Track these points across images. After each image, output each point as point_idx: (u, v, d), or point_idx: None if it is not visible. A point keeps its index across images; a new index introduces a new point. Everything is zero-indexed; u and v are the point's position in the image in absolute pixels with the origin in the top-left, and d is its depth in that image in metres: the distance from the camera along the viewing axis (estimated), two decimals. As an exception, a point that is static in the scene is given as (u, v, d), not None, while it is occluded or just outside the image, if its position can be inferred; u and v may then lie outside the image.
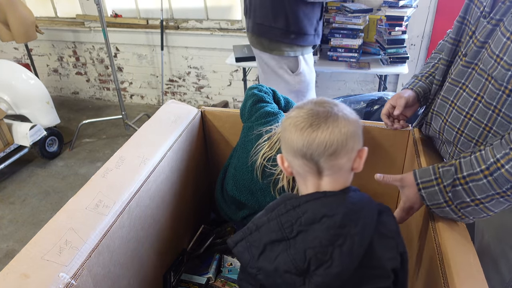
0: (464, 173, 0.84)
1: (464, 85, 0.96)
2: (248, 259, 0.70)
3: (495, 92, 0.86)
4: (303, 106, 0.72)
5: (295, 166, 0.73)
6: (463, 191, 0.84)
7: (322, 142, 0.67)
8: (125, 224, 1.00)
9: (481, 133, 0.92)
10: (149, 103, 3.63)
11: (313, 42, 1.95)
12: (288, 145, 0.71)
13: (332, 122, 0.67)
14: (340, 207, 0.66)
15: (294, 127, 0.69)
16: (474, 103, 0.92)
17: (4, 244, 2.09)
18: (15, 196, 2.46)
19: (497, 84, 0.85)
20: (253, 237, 0.71)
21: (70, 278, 0.79)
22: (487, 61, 0.88)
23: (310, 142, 0.67)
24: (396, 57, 2.40)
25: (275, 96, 1.40)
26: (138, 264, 1.10)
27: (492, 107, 0.88)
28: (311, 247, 0.64)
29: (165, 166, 1.21)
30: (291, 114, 0.72)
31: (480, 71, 0.90)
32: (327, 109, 0.69)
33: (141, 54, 3.33)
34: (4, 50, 3.70)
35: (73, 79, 3.70)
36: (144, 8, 3.18)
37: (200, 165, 1.54)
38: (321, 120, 0.68)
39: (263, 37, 1.93)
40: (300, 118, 0.69)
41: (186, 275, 1.35)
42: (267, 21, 1.87)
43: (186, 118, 1.40)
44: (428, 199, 0.89)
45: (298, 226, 0.66)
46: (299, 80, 1.99)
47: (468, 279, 0.76)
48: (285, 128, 0.72)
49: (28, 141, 2.50)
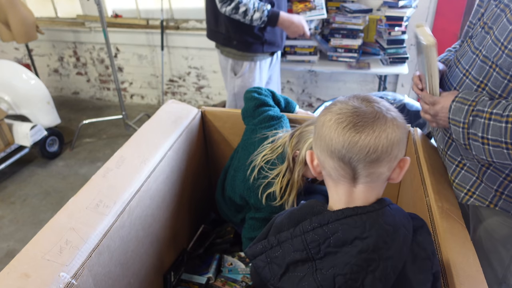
0: (494, 110, 0.82)
1: (467, 71, 0.94)
2: (268, 276, 0.65)
3: (500, 80, 0.84)
4: (347, 101, 0.64)
5: (327, 167, 0.65)
6: (482, 125, 0.84)
7: (365, 146, 0.59)
8: (125, 224, 1.00)
9: None
10: (149, 103, 3.63)
11: (259, 50, 1.89)
12: (324, 144, 0.62)
13: (379, 125, 0.59)
14: (373, 228, 0.59)
15: (335, 125, 0.61)
16: (477, 91, 0.90)
17: (4, 244, 2.09)
18: (16, 196, 2.47)
19: (502, 72, 0.84)
20: (274, 252, 0.65)
21: (70, 278, 0.79)
22: (491, 48, 0.86)
23: (352, 144, 0.59)
24: (396, 57, 2.40)
25: (275, 98, 1.40)
26: (138, 264, 1.10)
27: (497, 95, 0.86)
28: (341, 274, 0.58)
29: (165, 166, 1.21)
30: (333, 109, 0.63)
31: (484, 58, 0.88)
32: (375, 109, 0.61)
33: (141, 54, 3.33)
34: (5, 50, 3.71)
35: (74, 79, 3.71)
36: (144, 8, 3.18)
37: (200, 165, 1.54)
38: (367, 121, 0.59)
39: (212, 40, 2.00)
40: (343, 116, 0.61)
41: (186, 275, 1.35)
42: (212, 25, 1.93)
43: (186, 118, 1.40)
44: (452, 112, 0.89)
45: (326, 247, 0.60)
46: (238, 84, 1.98)
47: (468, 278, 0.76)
48: (323, 123, 0.63)
49: (28, 141, 2.51)
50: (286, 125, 1.31)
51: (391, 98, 1.92)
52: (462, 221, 0.94)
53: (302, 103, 3.17)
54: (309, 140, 1.11)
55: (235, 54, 1.91)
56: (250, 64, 1.94)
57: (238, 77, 1.97)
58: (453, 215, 0.95)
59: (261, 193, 1.18)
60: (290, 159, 1.15)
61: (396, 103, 1.89)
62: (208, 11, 1.92)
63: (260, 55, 1.93)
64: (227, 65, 1.99)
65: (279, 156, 1.18)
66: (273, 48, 1.95)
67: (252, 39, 1.85)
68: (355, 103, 0.63)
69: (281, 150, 1.19)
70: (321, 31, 2.63)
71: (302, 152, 1.12)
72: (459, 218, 0.95)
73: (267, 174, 1.18)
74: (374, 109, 0.61)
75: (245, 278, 1.35)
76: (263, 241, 0.67)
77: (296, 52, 2.52)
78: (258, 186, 1.19)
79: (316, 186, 1.33)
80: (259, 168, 1.20)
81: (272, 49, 1.95)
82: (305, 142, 1.12)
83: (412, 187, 1.18)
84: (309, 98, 3.14)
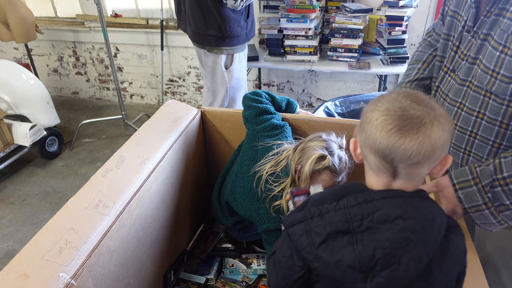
0: (505, 174, 0.80)
1: (461, 104, 0.93)
2: (305, 244, 0.67)
3: (498, 107, 0.84)
4: (395, 99, 0.64)
5: (369, 160, 0.68)
6: (503, 192, 0.80)
7: (408, 150, 0.61)
8: (125, 224, 1.00)
9: (489, 150, 0.89)
10: (149, 103, 3.62)
11: (246, 39, 2.07)
12: (369, 140, 0.65)
13: (424, 131, 0.61)
14: (414, 211, 0.63)
15: (381, 126, 0.63)
16: (476, 121, 0.89)
17: (4, 244, 2.09)
18: (15, 196, 2.46)
19: (499, 99, 0.84)
20: (315, 222, 0.67)
21: (70, 278, 0.79)
22: (481, 77, 0.86)
23: (396, 147, 0.61)
24: (396, 57, 2.40)
25: (275, 103, 1.38)
26: (138, 264, 1.10)
27: (498, 122, 0.85)
28: (382, 247, 0.62)
29: (165, 166, 1.21)
30: (380, 108, 0.64)
31: (476, 88, 0.88)
32: (423, 113, 0.62)
33: (141, 54, 3.33)
34: (4, 50, 3.70)
35: (73, 79, 3.70)
36: (144, 8, 3.17)
37: (200, 165, 1.54)
38: (413, 126, 0.61)
39: (201, 44, 2.05)
40: (390, 118, 0.62)
41: (185, 274, 1.35)
42: (202, 30, 1.98)
43: (186, 118, 1.40)
44: (466, 201, 0.84)
45: (369, 222, 0.64)
46: (231, 76, 2.10)
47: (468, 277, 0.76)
48: (370, 120, 0.65)
49: (28, 141, 2.50)
50: (289, 133, 1.31)
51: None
52: (463, 221, 0.94)
53: (302, 103, 3.17)
54: (312, 156, 1.10)
55: (227, 49, 2.01)
56: (239, 55, 2.08)
57: (230, 70, 2.08)
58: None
59: (269, 205, 1.18)
60: (293, 173, 1.14)
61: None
62: (196, 17, 1.96)
63: (244, 45, 2.10)
64: (218, 63, 2.06)
65: (283, 169, 1.18)
66: (251, 35, 2.12)
67: (241, 32, 2.00)
68: (404, 104, 0.63)
69: (285, 163, 1.18)
70: (321, 30, 2.63)
71: (305, 168, 1.10)
72: (459, 218, 0.95)
73: (272, 187, 1.18)
74: (422, 114, 0.62)
75: (245, 278, 1.35)
76: (303, 210, 0.70)
77: (296, 52, 2.51)
78: (265, 198, 1.19)
79: None
80: (264, 181, 1.19)
81: (251, 36, 2.12)
82: (308, 159, 1.10)
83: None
84: (309, 98, 3.14)
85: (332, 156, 1.10)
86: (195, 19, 1.97)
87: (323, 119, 1.40)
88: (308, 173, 1.10)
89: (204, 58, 2.11)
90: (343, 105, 2.12)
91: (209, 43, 2.00)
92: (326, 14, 2.61)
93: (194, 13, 1.96)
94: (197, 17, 1.96)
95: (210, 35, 1.96)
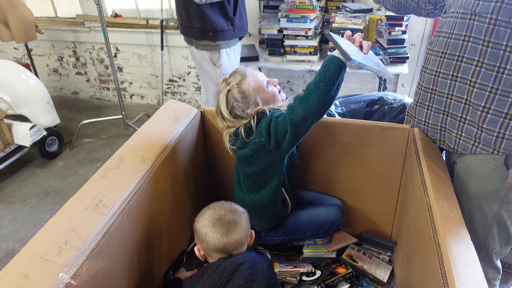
0: None
1: (460, 56, 1.07)
2: None
3: (496, 53, 0.99)
4: (214, 213, 1.07)
5: (213, 256, 1.04)
6: None
7: (235, 241, 1.02)
8: (125, 224, 1.00)
9: (487, 97, 1.03)
10: (149, 103, 3.63)
11: (233, 36, 2.05)
12: (207, 245, 1.03)
13: (240, 227, 1.04)
14: (245, 257, 1.01)
15: (214, 234, 1.02)
16: (475, 70, 1.03)
17: (4, 244, 2.09)
18: (15, 196, 2.47)
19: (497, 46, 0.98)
20: None
21: (69, 278, 0.79)
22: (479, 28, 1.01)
23: (228, 242, 1.01)
24: (396, 57, 2.40)
25: None
26: (138, 264, 1.10)
27: (496, 68, 1.00)
28: (239, 285, 0.95)
29: (165, 166, 1.21)
30: (208, 223, 1.05)
31: (474, 39, 1.02)
32: (234, 217, 1.04)
33: (141, 54, 3.33)
34: (4, 50, 3.70)
35: (73, 79, 3.70)
36: (144, 8, 3.18)
37: (200, 165, 1.54)
38: (232, 227, 1.03)
39: (187, 36, 2.08)
40: (218, 227, 1.03)
41: (186, 275, 1.35)
42: (185, 21, 2.01)
43: (186, 118, 1.40)
44: None
45: (225, 277, 0.96)
46: (220, 72, 2.10)
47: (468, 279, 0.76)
48: (206, 234, 1.03)
49: (28, 141, 2.50)
50: None
51: (391, 98, 1.92)
52: (462, 221, 0.94)
53: (302, 103, 3.17)
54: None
55: (212, 45, 2.02)
56: (226, 51, 2.07)
57: (218, 66, 2.08)
58: (453, 215, 0.95)
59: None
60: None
61: (396, 103, 1.88)
62: (179, 7, 2.01)
63: (232, 41, 2.08)
64: (204, 58, 2.08)
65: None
66: (241, 32, 2.10)
67: (226, 27, 1.99)
68: (221, 213, 1.05)
69: None
70: (321, 30, 2.63)
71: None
72: (459, 218, 0.95)
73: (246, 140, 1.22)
74: (233, 217, 1.04)
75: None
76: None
77: (296, 52, 2.52)
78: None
79: None
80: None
81: (241, 33, 2.10)
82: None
83: (412, 187, 1.18)
84: (309, 98, 3.14)
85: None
86: (180, 11, 2.03)
87: (323, 119, 1.40)
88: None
89: (193, 54, 2.15)
90: (343, 105, 2.12)
91: (194, 35, 2.03)
92: (326, 14, 2.61)
93: (179, 6, 2.02)
94: (181, 10, 2.01)
95: (194, 27, 1.99)
